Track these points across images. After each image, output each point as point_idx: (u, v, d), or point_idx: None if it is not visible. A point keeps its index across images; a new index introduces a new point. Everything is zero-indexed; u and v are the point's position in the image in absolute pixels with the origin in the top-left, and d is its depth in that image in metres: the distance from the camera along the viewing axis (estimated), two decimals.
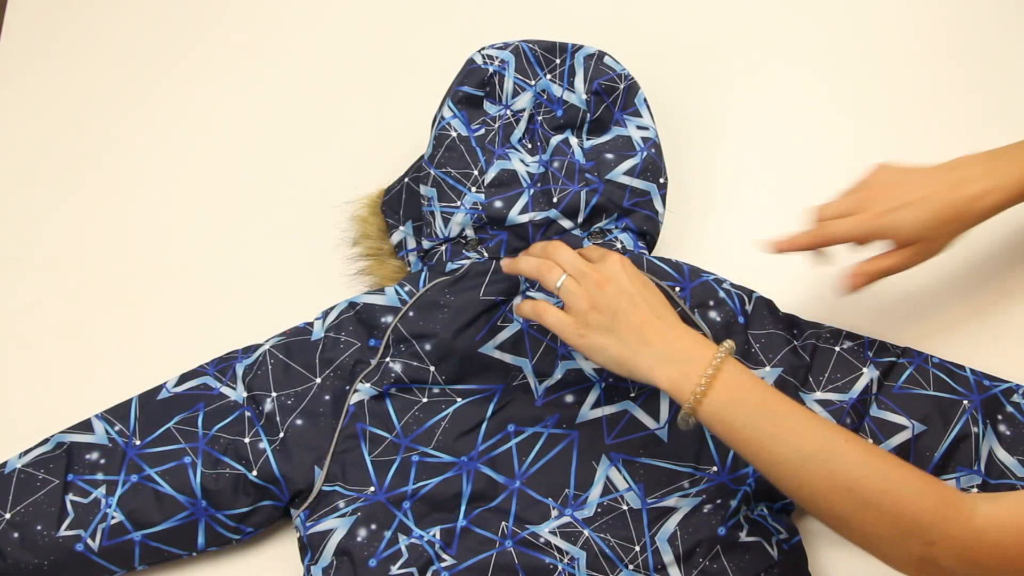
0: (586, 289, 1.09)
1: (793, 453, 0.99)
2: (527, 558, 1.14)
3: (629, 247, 1.28)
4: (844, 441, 0.99)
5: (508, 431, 1.20)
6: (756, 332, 1.24)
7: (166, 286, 1.40)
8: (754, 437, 1.01)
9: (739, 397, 1.02)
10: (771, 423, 1.01)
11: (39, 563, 1.15)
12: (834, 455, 0.98)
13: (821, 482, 0.98)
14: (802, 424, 1.01)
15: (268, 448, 1.19)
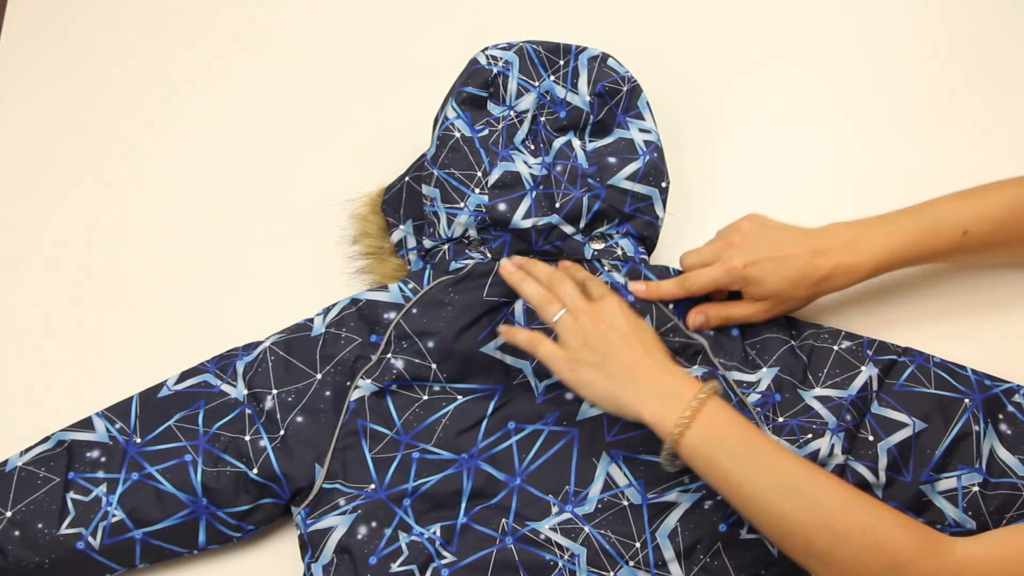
0: (582, 326, 1.12)
1: (774, 487, 1.00)
2: (528, 555, 1.14)
3: (630, 253, 1.28)
4: (825, 478, 1.01)
5: (508, 428, 1.20)
6: (751, 340, 1.25)
7: (167, 284, 1.40)
8: (735, 471, 1.02)
9: (721, 432, 1.04)
10: (752, 457, 1.02)
11: (40, 561, 1.15)
12: (815, 489, 1.00)
13: (801, 516, 0.99)
14: (783, 460, 1.02)
15: (269, 446, 1.19)
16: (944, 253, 1.24)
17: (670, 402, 1.05)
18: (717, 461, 1.03)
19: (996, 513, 1.16)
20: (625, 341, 1.10)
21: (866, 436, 1.18)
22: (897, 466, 1.18)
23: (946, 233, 1.22)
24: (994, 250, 1.26)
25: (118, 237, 1.44)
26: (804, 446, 1.17)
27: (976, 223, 1.22)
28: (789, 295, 1.22)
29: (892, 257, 1.22)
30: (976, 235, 1.22)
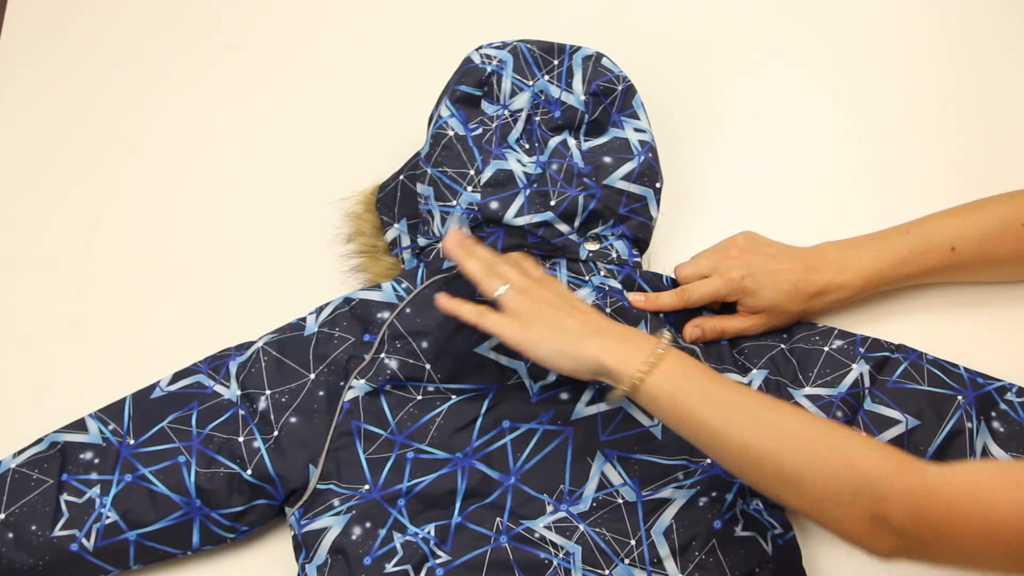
0: (527, 295, 1.11)
1: (740, 419, 1.00)
2: (522, 553, 1.14)
3: (624, 256, 1.28)
4: (791, 408, 1.01)
5: (503, 428, 1.20)
6: (739, 347, 1.26)
7: (162, 284, 1.40)
8: (699, 407, 1.01)
9: (685, 372, 1.03)
10: (717, 393, 1.02)
11: (34, 563, 1.15)
12: (781, 417, 0.99)
13: (769, 443, 0.98)
14: (748, 394, 1.03)
15: (262, 447, 1.19)
16: (933, 270, 1.26)
17: (631, 346, 1.05)
18: (681, 400, 1.02)
19: None
20: (574, 302, 1.12)
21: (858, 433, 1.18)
22: None
23: (934, 250, 1.25)
24: (982, 268, 1.28)
25: (116, 236, 1.44)
26: None
27: (963, 240, 1.24)
28: (783, 308, 1.24)
29: (881, 275, 1.25)
30: (964, 252, 1.24)
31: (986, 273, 1.30)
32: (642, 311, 1.24)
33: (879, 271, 1.25)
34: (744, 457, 0.99)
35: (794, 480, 0.97)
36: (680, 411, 1.02)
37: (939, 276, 1.28)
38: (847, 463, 0.95)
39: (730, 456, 1.01)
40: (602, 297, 1.24)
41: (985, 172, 1.33)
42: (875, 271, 1.25)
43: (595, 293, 1.24)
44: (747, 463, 1.00)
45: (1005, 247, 1.25)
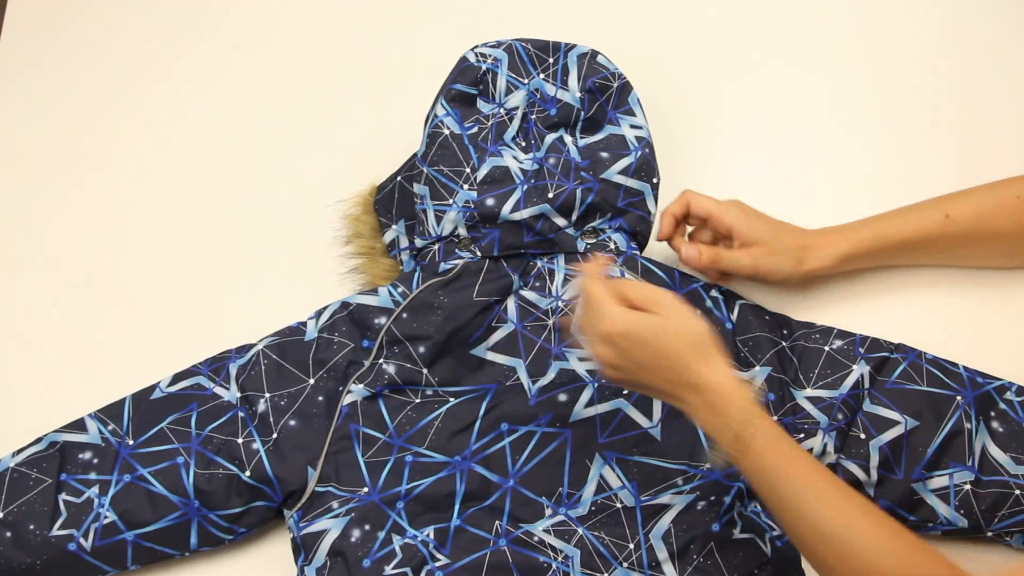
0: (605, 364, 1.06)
1: (811, 526, 0.98)
2: (521, 557, 1.14)
3: (622, 248, 1.28)
4: (862, 520, 0.98)
5: (501, 430, 1.20)
6: (743, 337, 1.25)
7: (162, 285, 1.40)
8: (776, 505, 1.00)
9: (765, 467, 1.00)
10: (796, 487, 0.99)
11: (32, 562, 1.15)
12: (851, 535, 0.97)
13: (837, 562, 0.97)
14: (824, 498, 0.99)
15: (261, 448, 1.19)
16: (928, 239, 1.26)
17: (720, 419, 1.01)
18: (762, 491, 1.01)
19: (988, 511, 1.16)
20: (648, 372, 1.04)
21: (858, 434, 1.19)
22: (889, 464, 1.18)
23: (928, 217, 1.26)
24: (979, 241, 1.28)
25: (116, 238, 1.44)
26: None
27: (958, 208, 1.26)
28: (778, 241, 1.26)
29: (874, 235, 1.27)
30: (958, 220, 1.25)
31: (983, 248, 1.30)
32: None
33: (873, 231, 1.27)
34: (814, 563, 1.00)
35: None
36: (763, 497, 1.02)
37: (936, 249, 1.29)
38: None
39: (801, 549, 1.01)
40: None
41: (985, 172, 1.32)
42: (868, 231, 1.27)
43: None
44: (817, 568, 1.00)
45: (1001, 219, 1.26)
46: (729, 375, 1.02)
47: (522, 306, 1.24)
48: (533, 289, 1.25)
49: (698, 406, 1.02)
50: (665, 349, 1.02)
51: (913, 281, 1.35)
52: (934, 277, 1.35)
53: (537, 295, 1.25)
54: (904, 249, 1.29)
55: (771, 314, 1.28)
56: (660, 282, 1.26)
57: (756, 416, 1.00)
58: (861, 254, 1.27)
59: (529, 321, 1.23)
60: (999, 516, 1.16)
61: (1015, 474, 1.17)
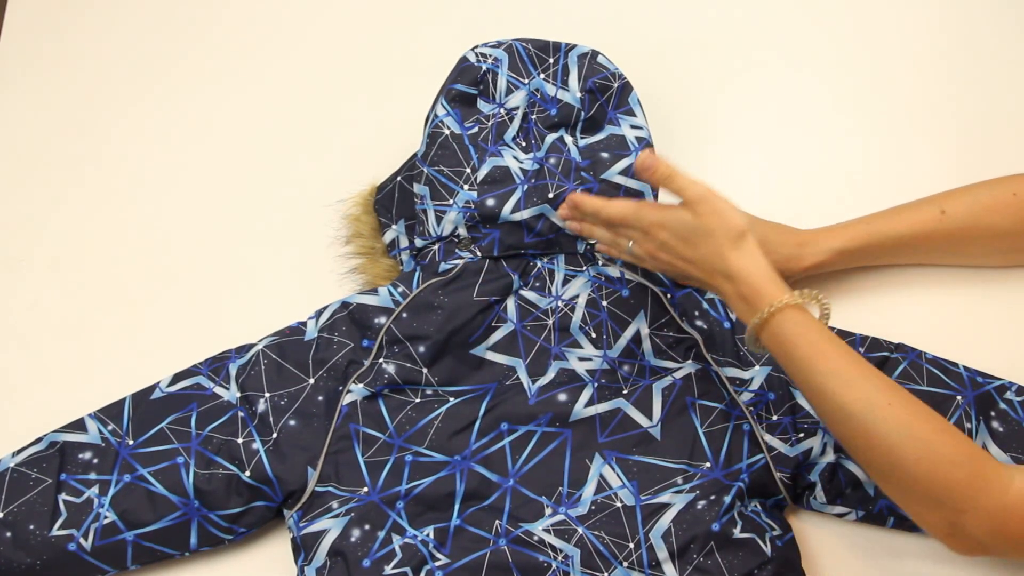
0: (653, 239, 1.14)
1: (837, 409, 1.03)
2: (521, 556, 1.14)
3: None
4: (887, 403, 1.02)
5: (501, 430, 1.20)
6: (742, 336, 1.25)
7: (162, 285, 1.40)
8: (805, 388, 1.06)
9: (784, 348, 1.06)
10: (819, 373, 1.04)
11: (32, 562, 1.15)
12: (875, 418, 1.01)
13: (861, 440, 1.02)
14: (849, 378, 1.03)
15: (261, 448, 1.19)
16: (924, 234, 1.27)
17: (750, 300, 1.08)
18: (790, 372, 1.07)
19: None
20: (688, 263, 1.12)
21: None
22: None
23: (924, 212, 1.27)
24: (975, 238, 1.28)
25: (116, 238, 1.44)
26: (796, 444, 1.18)
27: (953, 205, 1.26)
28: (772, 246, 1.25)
29: (869, 232, 1.27)
30: (954, 216, 1.25)
31: (979, 246, 1.30)
32: (643, 297, 1.24)
33: (867, 226, 1.27)
34: (840, 440, 1.05)
35: (882, 475, 1.03)
36: (795, 371, 1.06)
37: (932, 246, 1.29)
38: (930, 477, 0.99)
39: (829, 428, 1.07)
40: (597, 288, 1.25)
41: (984, 171, 1.33)
42: (863, 227, 1.27)
43: (590, 284, 1.25)
44: (844, 445, 1.06)
45: (996, 215, 1.26)
46: (761, 265, 1.08)
47: (522, 306, 1.24)
48: (533, 289, 1.25)
49: (731, 295, 1.09)
50: (703, 242, 1.10)
51: (912, 280, 1.35)
52: (933, 276, 1.35)
53: (537, 295, 1.25)
54: (900, 246, 1.29)
55: None
56: (659, 283, 1.26)
57: (784, 304, 1.05)
58: (856, 250, 1.27)
59: (529, 321, 1.23)
60: None
61: None
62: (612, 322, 1.24)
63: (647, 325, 1.23)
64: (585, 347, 1.23)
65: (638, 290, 1.24)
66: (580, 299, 1.24)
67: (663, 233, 1.12)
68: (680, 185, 1.11)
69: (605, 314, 1.24)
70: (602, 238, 1.19)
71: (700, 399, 1.21)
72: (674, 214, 1.11)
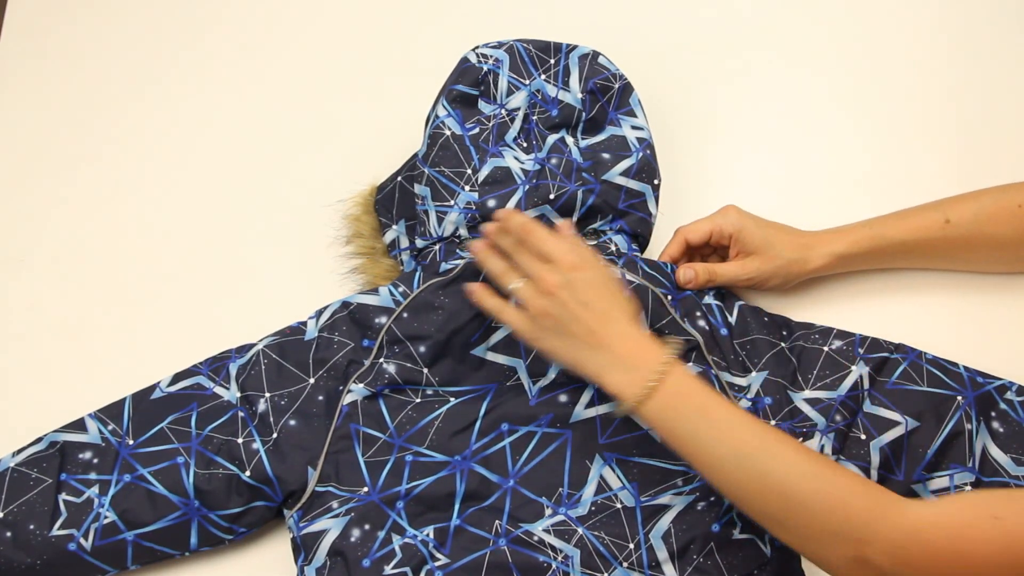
0: (538, 295, 1.11)
1: (728, 455, 1.02)
2: (521, 556, 1.14)
3: (623, 250, 1.28)
4: (777, 443, 1.02)
5: (502, 430, 1.20)
6: (741, 340, 1.25)
7: (162, 285, 1.41)
8: (691, 441, 1.04)
9: (679, 403, 1.05)
10: (707, 427, 1.04)
11: (32, 562, 1.15)
12: (768, 456, 1.01)
13: (755, 483, 1.01)
14: (739, 428, 1.03)
15: (261, 448, 1.19)
16: (927, 241, 1.27)
17: (630, 374, 1.06)
18: (675, 431, 1.05)
19: None
20: (583, 308, 1.09)
21: (858, 435, 1.19)
22: (889, 465, 1.18)
23: (928, 220, 1.27)
24: (978, 247, 1.28)
25: (116, 238, 1.44)
26: None
27: (957, 213, 1.26)
28: (776, 250, 1.27)
29: (873, 236, 1.28)
30: (958, 225, 1.26)
31: (982, 254, 1.30)
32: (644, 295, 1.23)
33: (871, 230, 1.28)
34: (735, 493, 1.04)
35: (778, 521, 1.02)
36: (674, 442, 1.05)
37: (935, 252, 1.29)
38: (829, 509, 0.98)
39: (721, 489, 1.05)
40: None
41: (985, 173, 1.33)
42: (867, 231, 1.28)
43: None
44: (737, 499, 1.04)
45: (1000, 225, 1.26)
46: (640, 332, 1.09)
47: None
48: None
49: (605, 364, 1.07)
50: (610, 290, 1.11)
51: (913, 283, 1.35)
52: (934, 279, 1.36)
53: None
54: (902, 251, 1.29)
55: (770, 315, 1.28)
56: (661, 284, 1.26)
57: (667, 366, 1.06)
58: (859, 254, 1.28)
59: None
60: None
61: (1016, 475, 1.17)
62: None
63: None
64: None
65: (639, 291, 1.23)
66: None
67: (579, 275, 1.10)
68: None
69: None
70: (491, 267, 1.17)
71: None
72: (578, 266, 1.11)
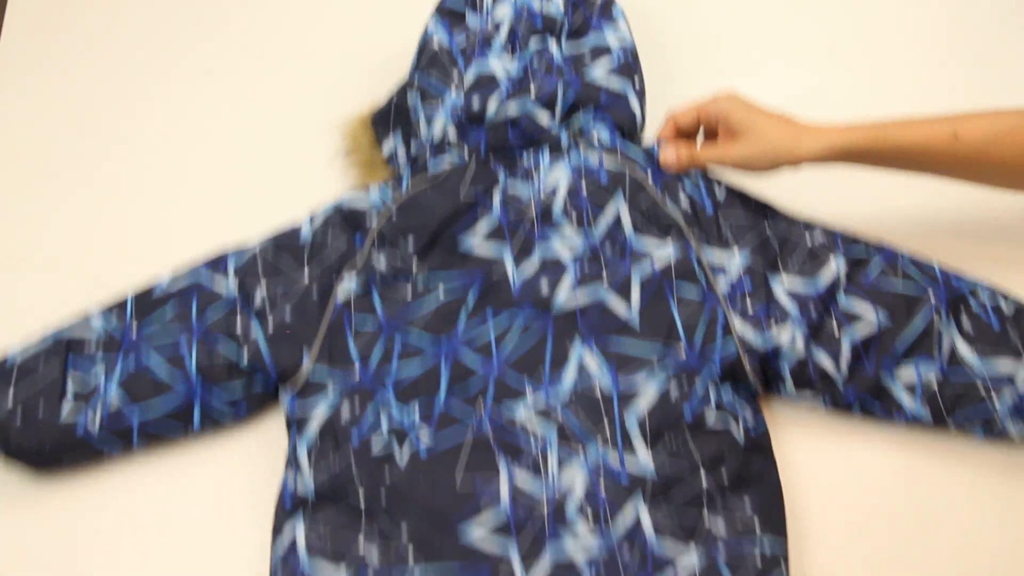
0: None
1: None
2: (503, 436, 1.19)
3: (606, 140, 1.32)
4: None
5: (487, 317, 1.25)
6: (725, 217, 1.27)
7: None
8: None
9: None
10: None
11: (41, 446, 1.21)
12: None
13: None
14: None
15: (259, 334, 1.24)
16: (932, 153, 1.22)
17: None
18: None
19: (952, 406, 1.20)
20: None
21: (831, 329, 1.22)
22: (860, 358, 1.21)
23: (936, 131, 1.21)
24: (981, 166, 1.22)
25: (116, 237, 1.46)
26: (768, 336, 1.22)
27: (968, 129, 1.20)
28: (764, 131, 1.24)
29: (875, 135, 1.22)
30: (967, 142, 1.20)
31: (987, 173, 1.23)
32: (620, 176, 1.28)
33: (874, 130, 1.22)
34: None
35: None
36: None
37: (937, 164, 1.22)
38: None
39: None
40: (577, 175, 1.29)
41: None
42: (869, 130, 1.22)
43: (571, 172, 1.29)
44: None
45: (1010, 148, 1.20)
46: None
47: (507, 199, 1.29)
48: (518, 183, 1.30)
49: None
50: None
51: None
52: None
53: (521, 188, 1.29)
54: (901, 157, 1.23)
55: (755, 200, 1.30)
56: (639, 165, 1.30)
57: None
58: (854, 151, 1.22)
59: (513, 212, 1.28)
60: (961, 410, 1.19)
61: (980, 372, 1.19)
62: (592, 206, 1.27)
63: (627, 206, 1.27)
64: (567, 233, 1.27)
65: (617, 174, 1.28)
66: (561, 186, 1.28)
67: None
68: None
69: (585, 200, 1.28)
70: None
71: (678, 287, 1.24)
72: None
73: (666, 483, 1.16)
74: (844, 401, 1.22)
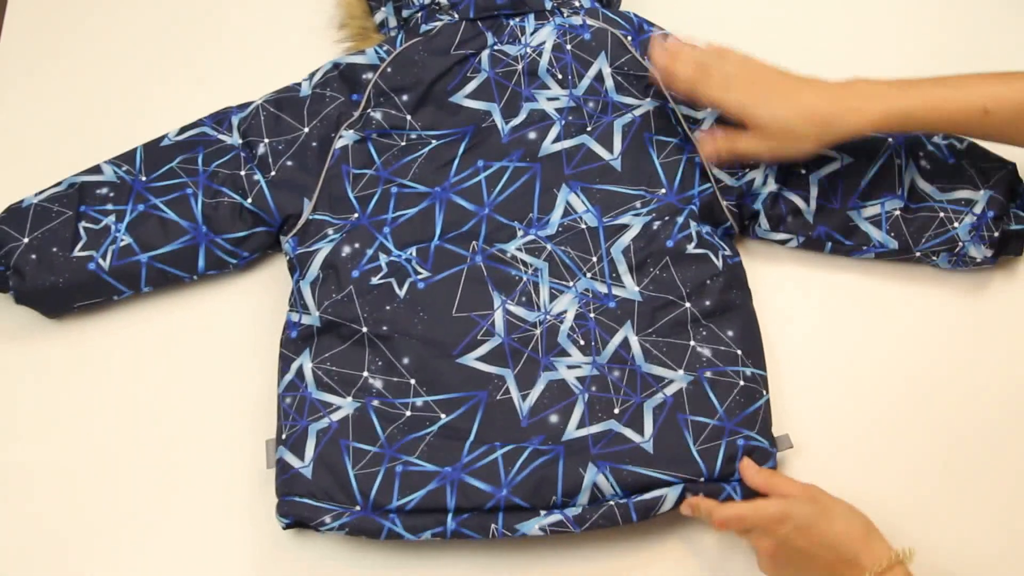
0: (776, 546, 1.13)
1: None
2: (495, 270, 1.26)
3: (586, 5, 1.38)
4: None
5: (478, 166, 1.32)
6: None
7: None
8: None
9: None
10: None
11: (55, 280, 1.27)
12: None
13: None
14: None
15: (262, 180, 1.31)
16: (962, 127, 1.21)
17: None
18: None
19: (915, 233, 1.29)
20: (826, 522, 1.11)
21: (798, 169, 1.30)
22: (826, 195, 1.30)
23: (966, 107, 1.19)
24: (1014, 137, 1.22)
25: None
26: (741, 177, 1.30)
27: (998, 104, 1.18)
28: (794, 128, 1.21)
29: (904, 113, 1.19)
30: (997, 116, 1.18)
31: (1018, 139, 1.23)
32: (603, 38, 1.35)
33: (903, 108, 1.19)
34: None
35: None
36: None
37: (968, 134, 1.24)
38: None
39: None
40: (562, 35, 1.35)
41: None
42: (899, 109, 1.19)
43: (555, 31, 1.36)
44: None
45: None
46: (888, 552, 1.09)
47: (495, 56, 1.35)
48: (505, 42, 1.36)
49: None
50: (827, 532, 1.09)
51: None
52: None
53: (508, 46, 1.36)
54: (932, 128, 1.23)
55: None
56: (618, 24, 1.37)
57: None
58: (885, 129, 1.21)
59: (501, 68, 1.35)
60: (925, 237, 1.28)
61: (940, 200, 1.29)
62: (576, 63, 1.35)
63: (609, 64, 1.34)
64: (552, 88, 1.34)
65: (600, 33, 1.35)
66: (547, 45, 1.35)
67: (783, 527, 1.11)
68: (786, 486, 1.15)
69: (569, 56, 1.35)
70: None
71: (657, 134, 1.32)
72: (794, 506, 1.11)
73: (652, 309, 1.25)
74: (815, 237, 1.31)
